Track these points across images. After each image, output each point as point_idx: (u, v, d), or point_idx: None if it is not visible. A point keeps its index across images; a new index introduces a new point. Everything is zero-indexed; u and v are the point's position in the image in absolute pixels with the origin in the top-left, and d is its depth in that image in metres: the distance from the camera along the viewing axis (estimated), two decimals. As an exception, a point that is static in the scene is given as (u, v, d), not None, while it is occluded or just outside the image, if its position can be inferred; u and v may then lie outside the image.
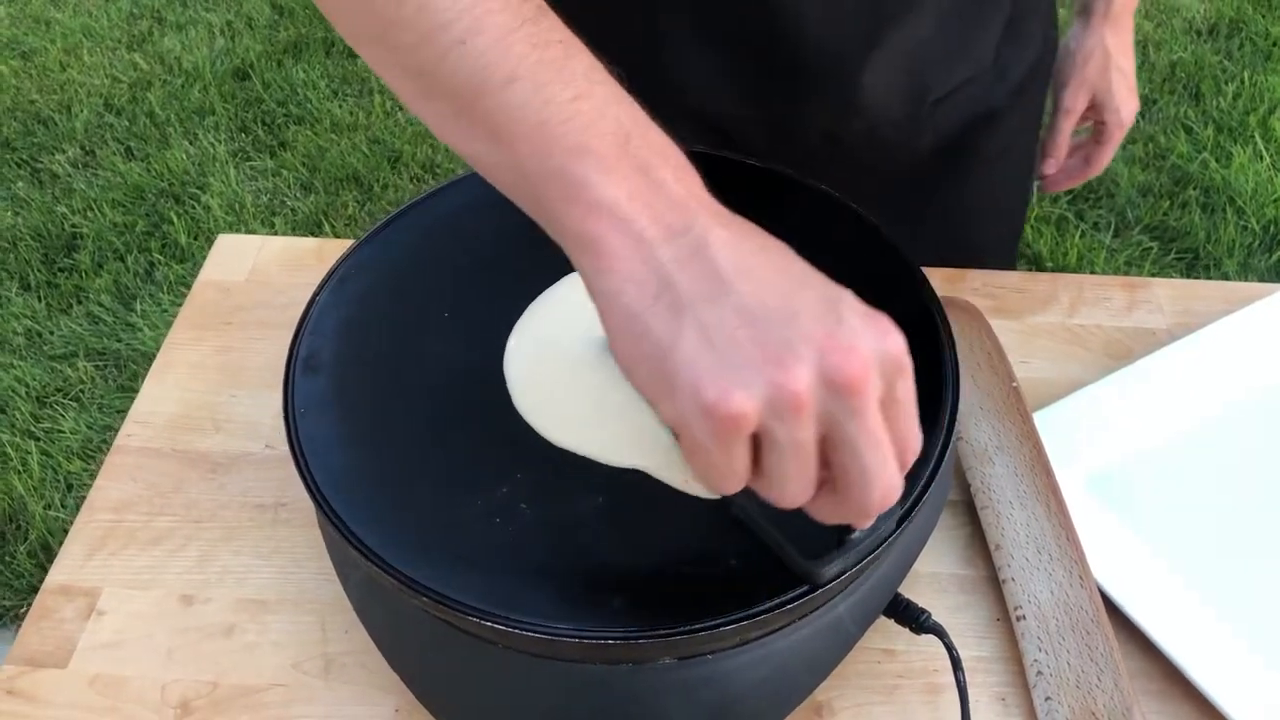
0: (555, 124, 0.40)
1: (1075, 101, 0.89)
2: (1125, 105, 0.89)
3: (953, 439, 0.54)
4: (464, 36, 0.42)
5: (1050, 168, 0.93)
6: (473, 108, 0.42)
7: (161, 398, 0.70)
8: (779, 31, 0.72)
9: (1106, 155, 0.92)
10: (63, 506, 1.62)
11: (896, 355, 0.38)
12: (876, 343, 0.38)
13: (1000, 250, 0.93)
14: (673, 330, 0.38)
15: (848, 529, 0.46)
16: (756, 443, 0.39)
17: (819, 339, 0.37)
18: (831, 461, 0.39)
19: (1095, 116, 0.90)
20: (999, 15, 0.78)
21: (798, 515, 0.42)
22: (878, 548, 0.47)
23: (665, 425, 0.40)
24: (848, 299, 0.39)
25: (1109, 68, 0.87)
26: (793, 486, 0.39)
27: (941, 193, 0.84)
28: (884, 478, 0.39)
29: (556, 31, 0.43)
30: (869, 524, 0.43)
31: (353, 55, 2.42)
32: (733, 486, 0.40)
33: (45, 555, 1.57)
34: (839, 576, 0.47)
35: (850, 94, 0.75)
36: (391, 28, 0.44)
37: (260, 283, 0.77)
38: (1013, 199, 0.93)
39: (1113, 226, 1.96)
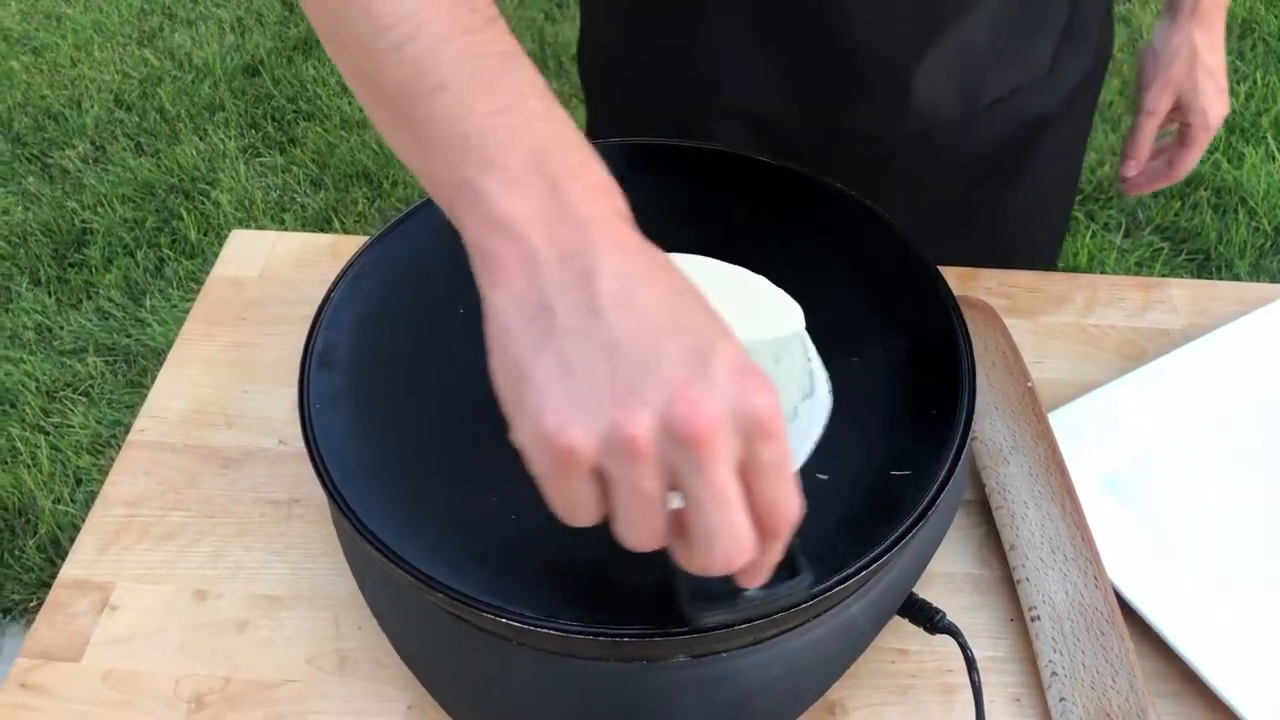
0: (474, 136, 0.40)
1: (1158, 103, 0.85)
2: (1213, 107, 0.84)
3: (968, 439, 0.53)
4: (401, 42, 0.42)
5: (1131, 170, 0.89)
6: (406, 115, 0.42)
7: (175, 393, 0.71)
8: (830, 32, 0.71)
9: (1191, 159, 0.88)
10: (72, 501, 1.62)
11: (762, 417, 0.37)
12: (737, 400, 0.36)
13: (1044, 256, 0.92)
14: (535, 354, 0.37)
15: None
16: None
17: (672, 386, 0.36)
18: (682, 513, 0.38)
19: (1180, 118, 0.86)
20: (1055, 22, 0.77)
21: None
22: (773, 613, 0.45)
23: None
24: (724, 350, 0.38)
25: (1195, 67, 0.83)
26: (633, 531, 0.38)
27: (989, 198, 0.84)
28: (727, 539, 0.37)
29: (498, 44, 0.43)
30: (754, 582, 0.41)
31: (363, 52, 2.42)
32: (578, 519, 0.39)
33: (54, 550, 1.57)
34: (717, 628, 0.45)
35: (901, 96, 0.74)
36: (340, 27, 0.44)
37: (273, 279, 0.77)
38: (1059, 206, 0.92)
39: (1123, 227, 1.95)
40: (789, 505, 0.39)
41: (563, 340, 0.37)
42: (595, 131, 0.91)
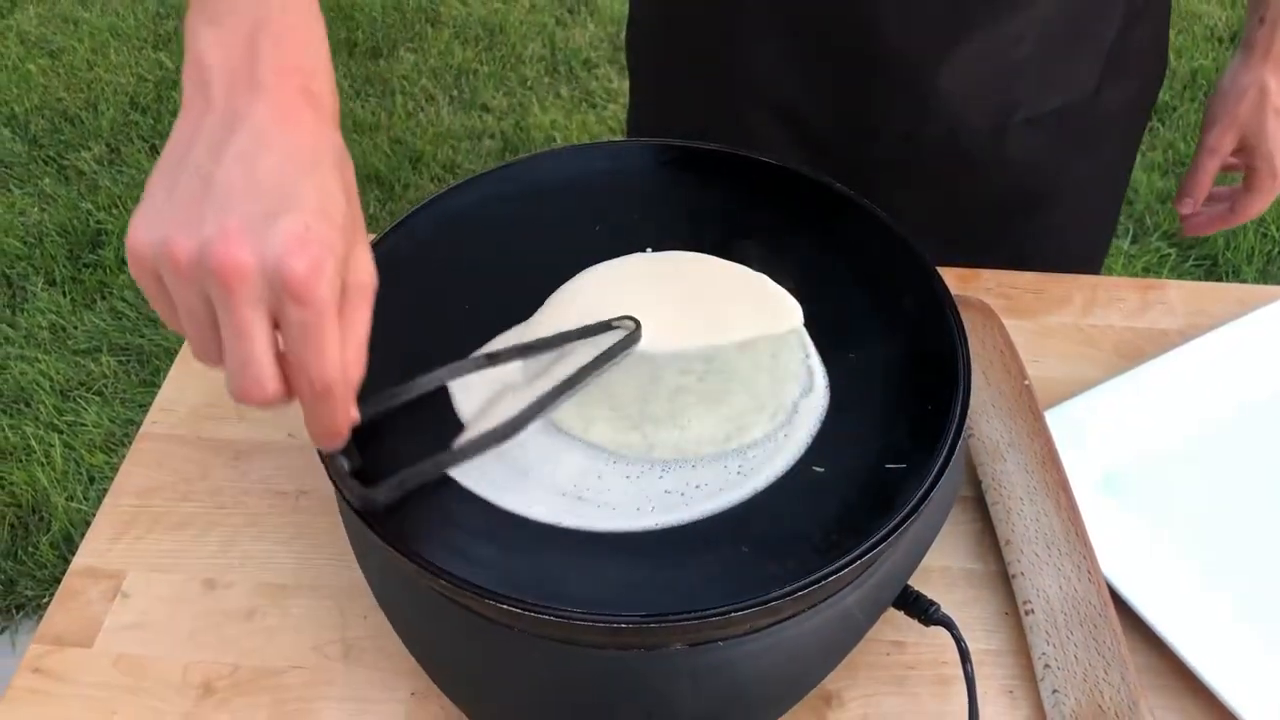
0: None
1: (1221, 142, 0.82)
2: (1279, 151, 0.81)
3: (963, 434, 0.54)
4: None
5: (1186, 207, 0.87)
6: None
7: (186, 386, 0.72)
8: (857, 26, 0.72)
9: (1256, 205, 0.84)
10: (85, 499, 1.64)
11: (291, 279, 0.40)
12: (274, 260, 0.40)
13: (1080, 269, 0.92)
14: (161, 175, 0.43)
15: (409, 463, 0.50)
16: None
17: (225, 227, 0.41)
18: None
19: (1246, 160, 0.83)
20: (1100, 43, 0.77)
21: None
22: (434, 474, 0.51)
23: None
24: (297, 219, 0.41)
25: (1265, 108, 0.80)
26: (191, 342, 0.44)
27: (1024, 214, 0.84)
28: (244, 371, 0.42)
29: None
30: (323, 443, 0.47)
31: (375, 56, 2.44)
32: (165, 321, 0.44)
33: (67, 546, 1.59)
34: (392, 500, 0.50)
35: (925, 96, 0.75)
36: None
37: (284, 276, 0.78)
38: (1097, 230, 0.91)
39: (1131, 233, 1.96)
40: (320, 370, 0.43)
41: (182, 169, 0.42)
42: (638, 114, 0.93)
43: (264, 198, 0.41)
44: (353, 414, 0.46)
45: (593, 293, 0.60)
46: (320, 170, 0.44)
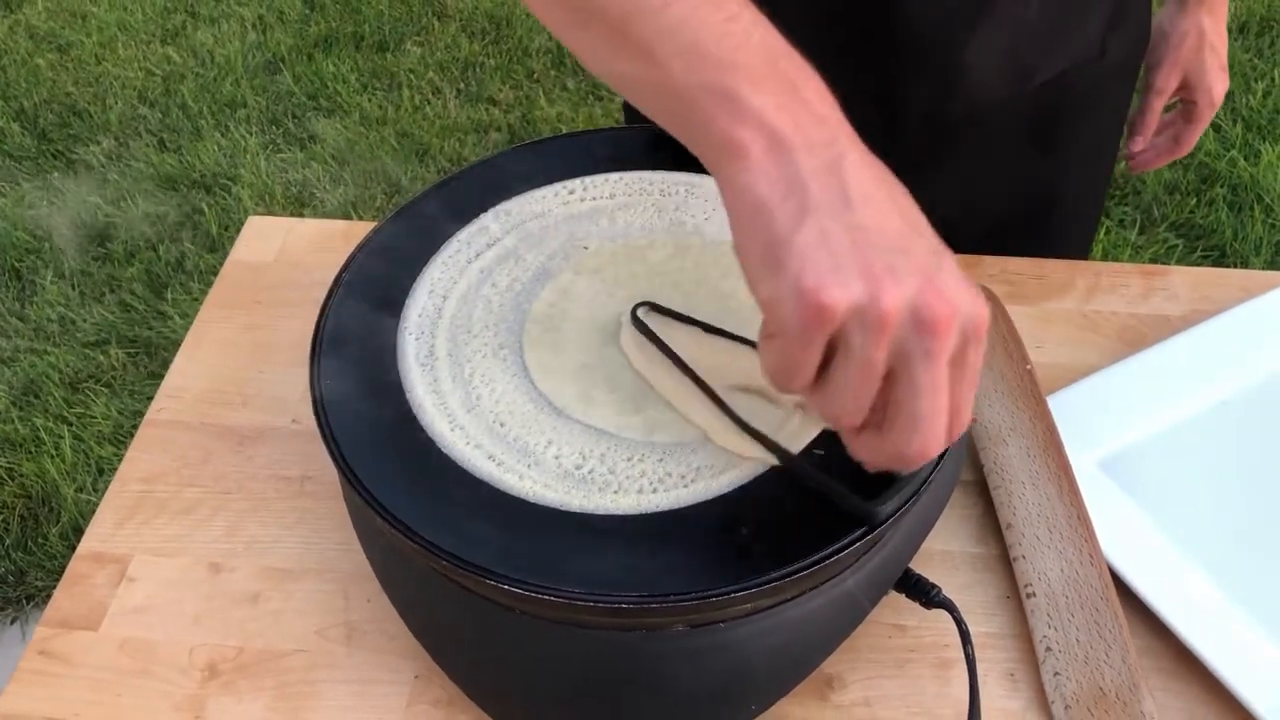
0: (709, 43, 0.43)
1: (1168, 82, 0.89)
2: (1216, 84, 0.89)
3: (964, 417, 0.54)
4: None
5: (1138, 145, 0.93)
6: (626, 31, 0.44)
7: (192, 373, 0.72)
8: (881, 9, 0.72)
9: (1196, 134, 0.92)
10: (94, 490, 1.64)
11: (979, 321, 0.41)
12: (967, 302, 0.40)
13: (1079, 239, 0.93)
14: (795, 224, 0.40)
15: (889, 475, 0.47)
16: (830, 354, 0.41)
17: (921, 275, 0.40)
18: (889, 398, 0.42)
19: (1185, 96, 0.90)
20: (1103, 6, 0.78)
21: (841, 469, 0.46)
22: (925, 482, 0.49)
23: (759, 305, 0.42)
24: (950, 260, 0.42)
25: (1202, 48, 0.87)
26: (848, 400, 0.42)
27: (1034, 175, 0.85)
28: (930, 428, 0.41)
29: None
30: (905, 470, 0.45)
31: (382, 49, 2.45)
32: (794, 381, 0.42)
33: (76, 537, 1.60)
34: (896, 512, 0.48)
35: (952, 73, 0.75)
36: None
37: (289, 263, 0.79)
38: (1099, 184, 0.93)
39: (1138, 223, 1.95)
40: (970, 408, 0.43)
41: (819, 215, 0.40)
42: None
43: (916, 238, 0.41)
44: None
45: (594, 278, 0.61)
46: (909, 197, 0.44)
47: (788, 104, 0.42)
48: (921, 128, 0.78)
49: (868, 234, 0.40)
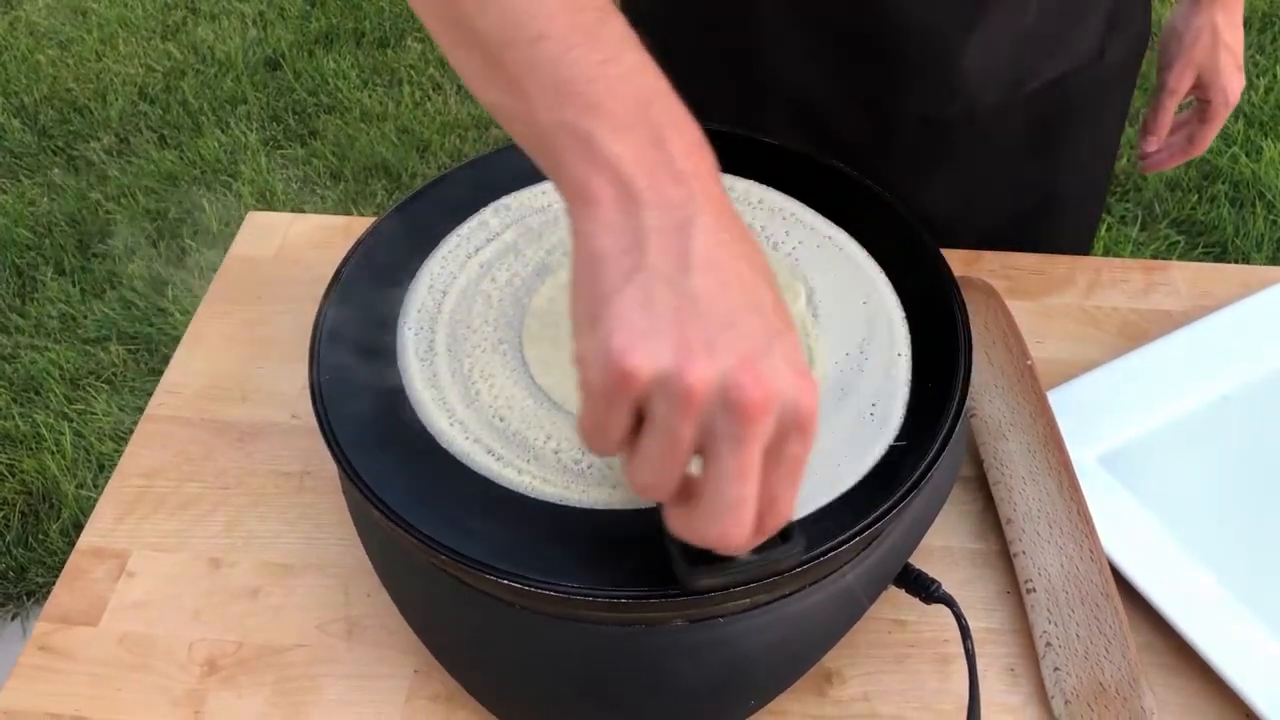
0: (579, 83, 0.41)
1: (1180, 82, 0.87)
2: (1231, 84, 0.87)
3: (965, 413, 0.54)
4: None
5: (1151, 145, 0.92)
6: (501, 61, 0.43)
7: (192, 368, 0.72)
8: (878, 13, 0.72)
9: (1210, 134, 0.90)
10: (94, 486, 1.64)
11: (803, 414, 0.38)
12: (790, 391, 0.38)
13: (1079, 240, 0.93)
14: (622, 281, 0.39)
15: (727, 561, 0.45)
16: (640, 421, 0.39)
17: (739, 355, 0.38)
18: (694, 479, 0.40)
19: (1200, 95, 0.89)
20: (1099, 10, 0.78)
21: None
22: (764, 577, 0.46)
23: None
24: (788, 341, 0.40)
25: (1217, 46, 0.85)
26: (651, 473, 0.40)
27: (1033, 177, 0.84)
28: (732, 516, 0.39)
29: None
30: (720, 552, 0.42)
31: (383, 46, 2.44)
32: (601, 445, 0.40)
33: (76, 534, 1.59)
34: (709, 591, 0.46)
35: (949, 78, 0.75)
36: None
37: (289, 259, 0.79)
38: (1099, 185, 0.93)
39: (1139, 220, 1.95)
40: (789, 504, 0.41)
41: (649, 277, 0.38)
42: None
43: (752, 314, 0.39)
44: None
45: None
46: (769, 271, 0.42)
47: (647, 156, 0.40)
48: (919, 131, 0.78)
49: (696, 303, 0.38)
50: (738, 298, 0.39)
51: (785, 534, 0.45)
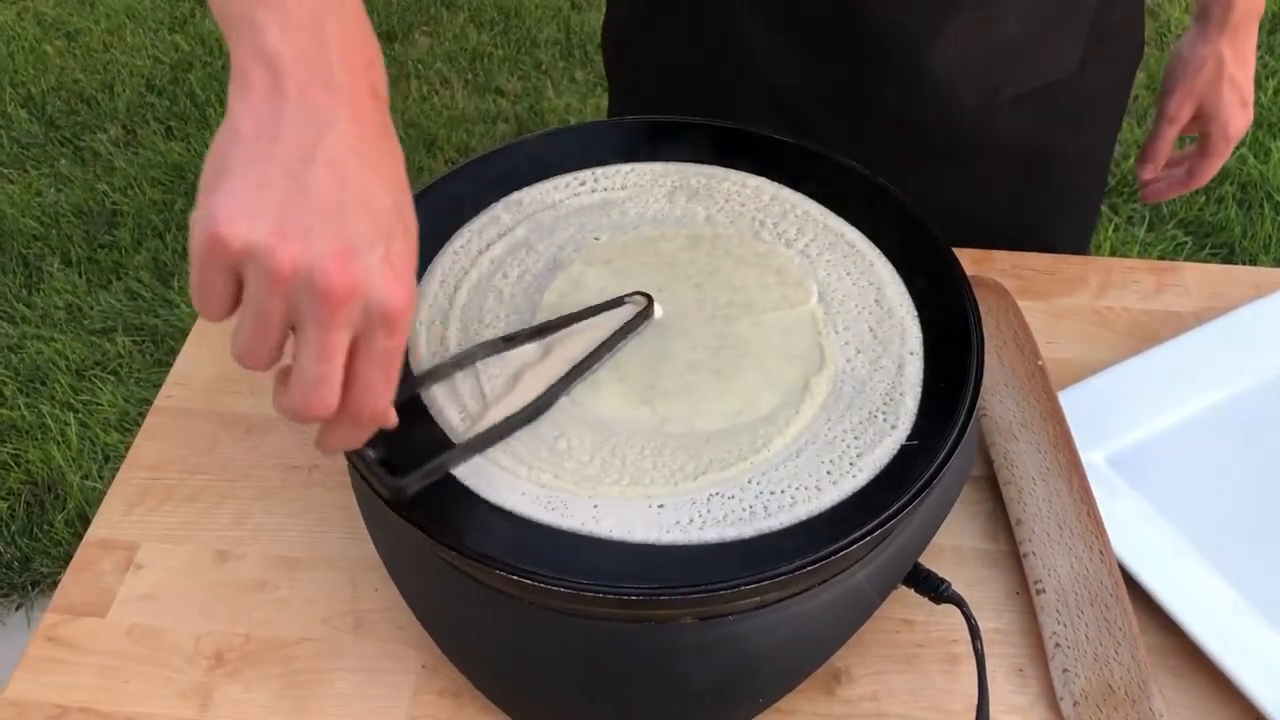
0: None
1: (1180, 111, 0.85)
2: (1234, 120, 0.84)
3: (975, 412, 0.54)
4: None
5: (1147, 173, 0.89)
6: None
7: (200, 360, 0.72)
8: (846, 11, 0.72)
9: (1211, 169, 0.88)
10: (100, 477, 1.65)
11: (391, 312, 0.41)
12: (378, 288, 0.41)
13: (1072, 247, 0.90)
14: (245, 163, 0.41)
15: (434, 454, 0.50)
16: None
17: (334, 247, 0.40)
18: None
19: (1201, 128, 0.86)
20: (1083, 18, 0.77)
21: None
22: (461, 461, 0.51)
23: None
24: (398, 246, 0.42)
25: (1220, 79, 0.83)
26: (244, 342, 0.42)
27: (1015, 193, 0.84)
28: (308, 390, 0.41)
29: None
30: (328, 447, 0.46)
31: (390, 39, 2.44)
32: (204, 309, 0.42)
33: (82, 524, 1.60)
34: (420, 489, 0.49)
35: (916, 76, 0.75)
36: None
37: (297, 252, 0.78)
38: (1088, 201, 0.92)
39: (1147, 220, 1.95)
40: (379, 398, 0.43)
41: (270, 164, 0.41)
42: (621, 112, 0.92)
43: (361, 214, 0.41)
44: (391, 419, 0.46)
45: (610, 269, 0.60)
46: (402, 184, 0.44)
47: (307, 58, 0.42)
48: (890, 129, 0.78)
49: (306, 195, 0.40)
50: (351, 198, 0.41)
51: (401, 471, 0.49)
